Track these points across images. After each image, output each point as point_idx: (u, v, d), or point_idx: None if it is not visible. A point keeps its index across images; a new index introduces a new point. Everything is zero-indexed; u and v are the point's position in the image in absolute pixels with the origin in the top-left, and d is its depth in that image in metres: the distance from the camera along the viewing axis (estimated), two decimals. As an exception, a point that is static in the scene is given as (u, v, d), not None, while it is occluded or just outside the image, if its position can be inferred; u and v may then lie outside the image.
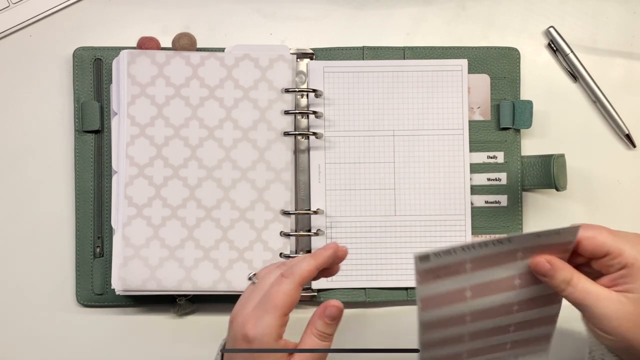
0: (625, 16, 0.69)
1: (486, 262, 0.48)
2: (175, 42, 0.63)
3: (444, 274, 0.48)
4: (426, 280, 0.48)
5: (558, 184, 0.63)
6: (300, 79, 0.66)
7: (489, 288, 0.49)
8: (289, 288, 0.48)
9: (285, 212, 0.63)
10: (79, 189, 0.65)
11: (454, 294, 0.49)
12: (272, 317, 0.47)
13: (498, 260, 0.48)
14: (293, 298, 0.48)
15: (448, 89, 0.65)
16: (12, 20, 0.66)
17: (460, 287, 0.49)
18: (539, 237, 0.48)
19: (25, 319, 0.65)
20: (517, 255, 0.49)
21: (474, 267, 0.48)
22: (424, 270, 0.47)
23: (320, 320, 0.48)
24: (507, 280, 0.49)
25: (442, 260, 0.47)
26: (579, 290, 0.47)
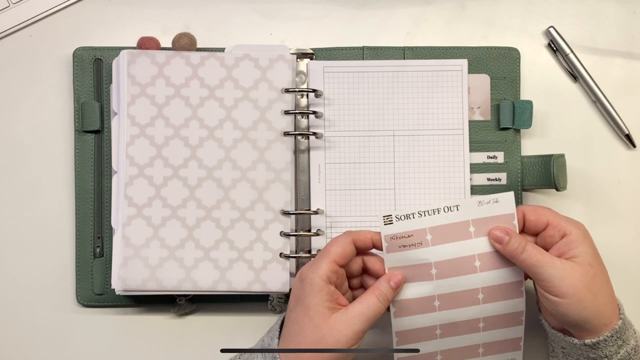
0: (625, 16, 0.69)
1: (444, 234, 0.54)
2: (175, 42, 0.63)
3: (409, 244, 0.54)
4: (392, 249, 0.54)
5: (558, 184, 0.63)
6: (300, 79, 0.66)
7: (452, 267, 0.55)
8: (343, 241, 0.54)
9: (285, 212, 0.63)
10: (79, 189, 0.65)
11: (420, 269, 0.55)
12: (324, 262, 0.53)
13: (454, 232, 0.55)
14: (345, 249, 0.54)
15: (448, 89, 0.65)
16: (12, 20, 0.66)
17: (425, 262, 0.54)
18: (481, 206, 0.54)
19: (25, 319, 0.65)
20: (470, 231, 0.55)
21: (434, 239, 0.54)
22: (390, 236, 0.54)
23: (386, 284, 0.54)
24: (468, 261, 0.55)
25: (404, 224, 0.54)
26: (533, 254, 0.53)
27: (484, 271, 0.55)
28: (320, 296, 0.52)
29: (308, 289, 0.52)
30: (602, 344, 0.53)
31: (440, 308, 0.56)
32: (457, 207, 0.54)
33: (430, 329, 0.56)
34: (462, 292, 0.55)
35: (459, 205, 0.54)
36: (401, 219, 0.54)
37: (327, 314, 0.52)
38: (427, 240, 0.54)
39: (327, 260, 0.53)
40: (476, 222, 0.55)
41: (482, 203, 0.54)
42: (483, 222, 0.55)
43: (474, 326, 0.57)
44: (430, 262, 0.54)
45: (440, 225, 0.54)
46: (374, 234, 0.55)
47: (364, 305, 0.52)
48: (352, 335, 0.51)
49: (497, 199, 0.54)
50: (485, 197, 0.55)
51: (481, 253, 0.55)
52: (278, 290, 0.62)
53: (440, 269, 0.55)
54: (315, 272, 0.53)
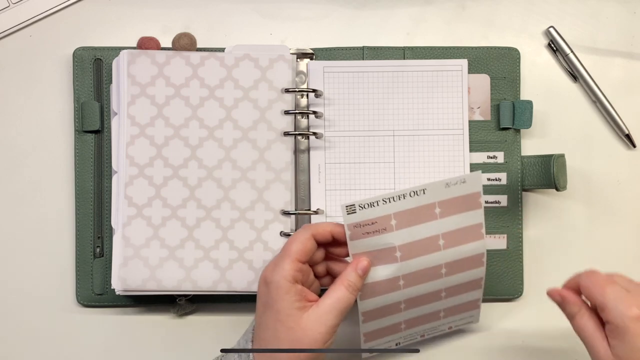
0: (625, 16, 0.69)
1: (409, 218, 0.53)
2: (175, 42, 0.63)
3: (373, 231, 0.53)
4: (356, 236, 0.53)
5: (558, 184, 0.62)
6: (300, 79, 0.66)
7: (416, 248, 0.54)
8: (303, 237, 0.53)
9: (285, 212, 0.63)
10: (79, 189, 0.65)
11: (385, 253, 0.54)
12: (287, 262, 0.52)
13: (419, 215, 0.54)
14: (306, 246, 0.53)
15: (448, 89, 0.65)
16: (12, 20, 0.66)
17: (389, 246, 0.54)
18: (449, 187, 0.54)
19: (25, 319, 0.65)
20: (436, 212, 0.54)
21: (398, 224, 0.53)
22: (353, 225, 0.53)
23: (353, 273, 0.53)
24: (432, 241, 0.55)
25: (368, 212, 0.53)
26: (578, 326, 0.52)
27: (448, 248, 0.55)
28: (289, 298, 0.51)
29: (275, 292, 0.51)
30: None
31: (404, 286, 0.55)
32: (424, 191, 0.53)
33: (395, 305, 0.56)
34: (426, 269, 0.55)
35: (425, 189, 0.53)
36: (364, 207, 0.52)
37: (299, 315, 0.51)
38: (391, 225, 0.53)
39: (290, 260, 0.52)
40: (442, 203, 0.54)
41: (450, 184, 0.54)
42: (449, 202, 0.54)
43: (436, 296, 0.58)
44: (395, 245, 0.54)
45: (405, 209, 0.53)
46: (334, 225, 0.54)
47: (334, 298, 0.52)
48: (326, 331, 0.51)
49: (465, 180, 0.54)
50: (453, 178, 0.53)
51: (446, 232, 0.55)
52: (278, 290, 0.62)
53: (405, 251, 0.54)
54: (279, 273, 0.52)
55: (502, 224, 0.66)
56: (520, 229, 0.66)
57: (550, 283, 0.65)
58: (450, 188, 0.54)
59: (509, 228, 0.66)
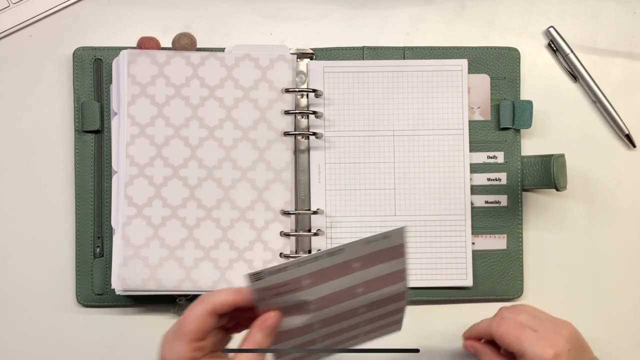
0: (625, 16, 0.69)
1: (324, 276, 0.48)
2: (175, 42, 0.63)
3: (283, 292, 0.47)
4: (265, 298, 0.47)
5: (558, 184, 0.62)
6: (300, 79, 0.66)
7: (332, 298, 0.50)
8: (200, 314, 0.47)
9: (285, 212, 0.63)
10: (79, 189, 0.65)
11: (298, 306, 0.49)
12: (182, 343, 0.47)
13: (335, 272, 0.48)
14: (204, 324, 0.47)
15: (448, 89, 0.65)
16: (12, 20, 0.66)
17: (302, 301, 0.49)
18: (370, 244, 0.48)
19: (25, 319, 0.65)
20: (354, 266, 0.49)
21: (313, 282, 0.48)
22: (260, 289, 0.47)
23: (259, 333, 0.47)
24: (350, 290, 0.50)
25: (277, 277, 0.47)
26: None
27: (367, 293, 0.51)
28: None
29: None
30: None
31: (319, 327, 0.51)
32: (341, 251, 0.48)
33: (309, 342, 0.53)
34: (343, 313, 0.51)
35: (343, 250, 0.48)
36: (274, 274, 0.46)
37: None
38: (304, 284, 0.48)
39: (185, 342, 0.47)
40: (362, 257, 0.49)
41: (370, 242, 0.48)
42: (370, 256, 0.49)
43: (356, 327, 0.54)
44: (309, 300, 0.49)
45: (321, 269, 0.48)
46: (234, 293, 0.48)
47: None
48: None
49: (387, 236, 0.49)
50: (375, 235, 0.48)
51: (364, 281, 0.50)
52: (278, 290, 0.62)
53: (320, 303, 0.49)
54: (176, 356, 0.47)
55: (502, 224, 0.66)
56: (520, 229, 0.66)
57: (550, 283, 0.65)
58: (371, 244, 0.49)
59: (509, 228, 0.66)
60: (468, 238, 0.65)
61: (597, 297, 0.67)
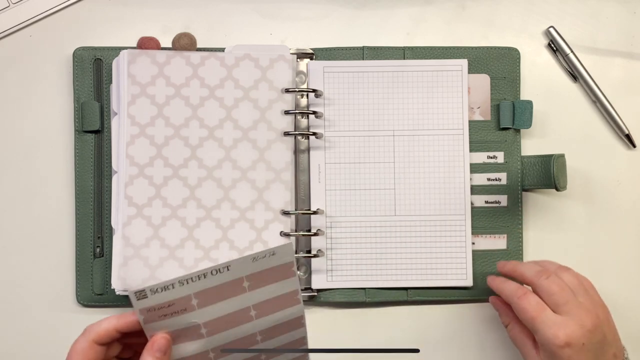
0: (625, 16, 0.69)
1: (213, 296, 0.48)
2: (175, 42, 0.63)
3: (171, 313, 0.47)
4: (152, 320, 0.47)
5: (558, 184, 0.63)
6: (300, 79, 0.66)
7: (224, 322, 0.49)
8: (82, 347, 0.46)
9: (285, 212, 0.63)
10: (79, 189, 0.65)
11: (188, 331, 0.48)
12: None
13: (225, 292, 0.48)
14: (87, 356, 0.46)
15: (448, 89, 0.65)
16: (12, 20, 0.66)
17: (192, 325, 0.48)
18: (257, 261, 0.48)
19: (25, 319, 0.65)
20: (244, 286, 0.49)
21: (201, 302, 0.48)
22: (146, 309, 0.46)
23: (150, 357, 0.46)
24: (242, 313, 0.49)
25: (162, 296, 0.46)
26: (510, 335, 0.58)
27: (261, 317, 0.50)
28: None
29: None
30: None
31: (215, 357, 0.51)
32: (228, 268, 0.48)
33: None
34: (239, 339, 0.51)
35: (229, 266, 0.48)
36: (158, 292, 0.46)
37: None
38: (192, 305, 0.48)
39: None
40: (251, 277, 0.49)
41: (257, 259, 0.48)
42: (259, 275, 0.49)
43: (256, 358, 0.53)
44: (199, 323, 0.48)
45: (208, 288, 0.48)
46: (117, 319, 0.47)
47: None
48: None
49: (274, 252, 0.48)
50: (260, 252, 0.48)
51: (257, 303, 0.50)
52: (278, 290, 0.62)
53: (212, 327, 0.49)
54: None
55: (502, 224, 0.66)
56: (520, 229, 0.66)
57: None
58: (259, 262, 0.49)
59: (509, 228, 0.66)
60: (468, 238, 0.65)
61: (597, 297, 0.67)
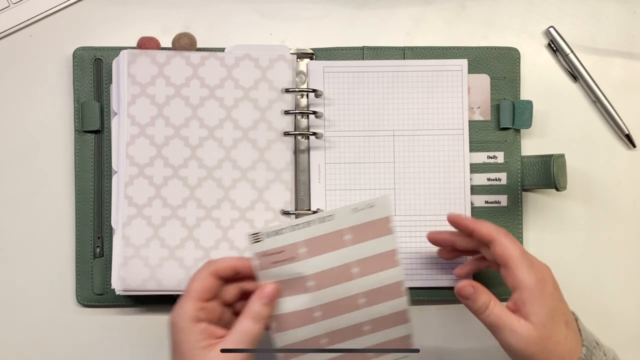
0: (625, 16, 0.69)
1: (318, 246, 0.52)
2: (175, 42, 0.63)
3: (281, 260, 0.51)
4: (264, 266, 0.51)
5: (558, 184, 0.63)
6: (300, 79, 0.66)
7: (328, 277, 0.52)
8: (202, 275, 0.51)
9: (285, 212, 0.63)
10: (79, 189, 0.65)
11: (295, 283, 0.52)
12: (188, 302, 0.50)
13: (329, 243, 0.52)
14: (205, 285, 0.50)
15: (448, 89, 0.65)
16: (12, 20, 0.66)
17: (299, 276, 0.52)
18: (357, 212, 0.52)
19: (25, 319, 0.65)
20: (346, 239, 0.52)
21: (308, 252, 0.51)
22: (261, 254, 0.51)
23: (257, 302, 0.50)
24: (345, 269, 0.52)
25: (274, 240, 0.51)
26: (495, 314, 0.52)
27: (363, 276, 0.53)
28: (191, 339, 0.49)
29: (177, 334, 0.49)
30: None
31: (321, 318, 0.53)
32: (332, 217, 0.51)
33: (315, 339, 0.54)
34: (342, 300, 0.53)
35: (333, 215, 0.51)
36: (271, 236, 0.51)
37: (204, 354, 0.48)
38: (300, 253, 0.51)
39: (190, 300, 0.50)
40: (352, 229, 0.52)
41: (357, 210, 0.52)
42: (359, 228, 0.52)
43: (359, 330, 0.55)
44: (305, 275, 0.52)
45: (314, 237, 0.51)
46: (236, 259, 0.52)
47: (239, 332, 0.49)
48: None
49: (373, 204, 0.52)
50: (361, 203, 0.52)
51: (359, 260, 0.53)
52: (278, 290, 0.62)
53: (317, 281, 0.52)
54: (179, 315, 0.50)
55: (502, 224, 0.66)
56: (520, 229, 0.66)
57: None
58: (358, 213, 0.52)
59: (509, 228, 0.66)
60: (468, 238, 0.65)
61: (597, 297, 0.67)
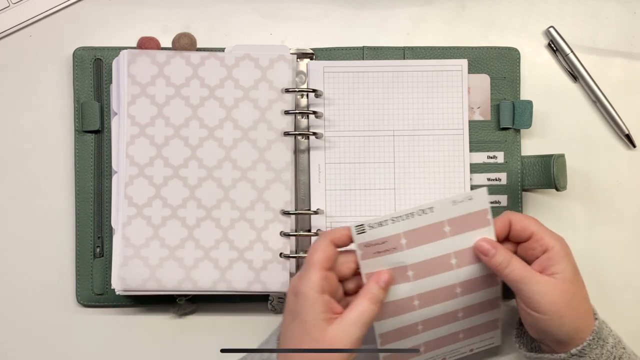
0: (625, 16, 0.69)
1: (418, 237, 0.54)
2: (175, 42, 0.63)
3: (383, 250, 0.54)
4: (367, 256, 0.54)
5: (558, 184, 0.63)
6: (300, 79, 0.66)
7: (428, 267, 0.55)
8: (322, 244, 0.53)
9: (285, 212, 0.63)
10: (79, 189, 0.65)
11: (397, 272, 0.55)
12: (312, 272, 0.52)
13: (429, 234, 0.54)
14: (327, 253, 0.53)
15: (448, 89, 0.65)
16: (12, 20, 0.66)
17: (401, 265, 0.54)
18: (456, 205, 0.54)
19: (25, 319, 0.65)
20: (445, 230, 0.54)
21: (409, 242, 0.54)
22: (364, 244, 0.53)
23: (375, 285, 0.53)
24: (444, 259, 0.55)
25: (377, 232, 0.53)
26: (517, 270, 0.53)
27: (461, 267, 0.56)
28: (316, 309, 0.51)
29: (302, 303, 0.51)
30: (587, 349, 0.53)
31: (419, 306, 0.56)
32: (432, 209, 0.53)
33: (412, 326, 0.57)
34: (440, 289, 0.56)
35: (433, 207, 0.53)
36: (374, 227, 0.53)
37: (324, 327, 0.51)
38: (401, 244, 0.54)
39: (315, 269, 0.52)
40: (451, 221, 0.54)
41: (457, 202, 0.54)
42: (458, 220, 0.54)
43: (454, 317, 0.58)
44: (406, 264, 0.54)
45: (415, 228, 0.54)
46: (349, 229, 0.54)
47: (358, 311, 0.52)
48: (350, 344, 0.51)
49: (471, 197, 0.54)
50: (459, 195, 0.54)
51: (457, 251, 0.55)
52: (278, 290, 0.62)
53: (417, 270, 0.55)
54: (306, 285, 0.52)
55: (502, 224, 0.66)
56: (520, 229, 0.66)
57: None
58: (457, 205, 0.54)
59: (509, 228, 0.66)
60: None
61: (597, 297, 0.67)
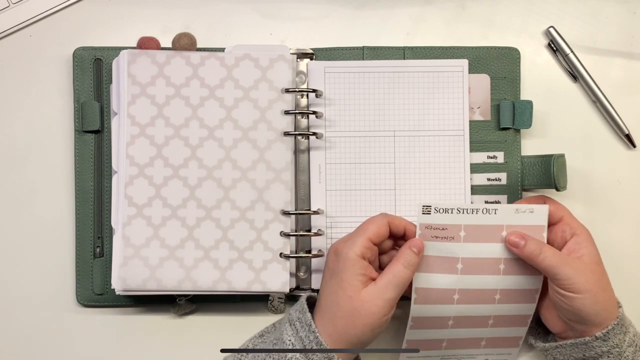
0: (625, 16, 0.69)
1: (477, 233, 0.57)
2: (175, 42, 0.63)
3: (442, 237, 0.57)
4: (425, 237, 0.57)
5: (558, 184, 0.63)
6: (301, 79, 0.66)
7: (477, 265, 0.57)
8: (380, 221, 0.57)
9: (285, 212, 0.63)
10: (79, 189, 0.65)
11: (447, 261, 0.57)
12: (360, 238, 0.56)
13: (486, 234, 0.57)
14: (380, 229, 0.57)
15: (448, 89, 0.65)
16: (12, 20, 0.66)
17: (453, 256, 0.57)
18: (518, 214, 0.57)
19: (25, 319, 0.65)
20: (502, 235, 0.57)
21: (466, 236, 0.57)
22: (425, 225, 0.56)
23: (409, 250, 0.56)
24: (493, 262, 0.58)
25: (441, 217, 0.56)
26: (550, 256, 0.56)
27: (507, 275, 0.58)
28: (354, 270, 0.55)
29: (342, 263, 0.55)
30: (612, 334, 0.56)
31: (457, 302, 0.58)
32: (495, 211, 0.57)
33: (444, 319, 0.59)
34: (481, 290, 0.58)
35: (497, 210, 0.57)
36: (439, 212, 0.56)
37: (359, 287, 0.55)
38: (459, 236, 0.57)
39: (363, 238, 0.56)
40: (509, 227, 0.57)
41: (519, 211, 0.57)
42: (516, 229, 0.57)
43: (484, 322, 0.60)
44: (458, 257, 0.57)
45: (475, 224, 0.57)
46: (408, 223, 0.58)
47: (391, 274, 0.55)
48: (383, 304, 0.54)
49: (533, 210, 0.57)
50: (522, 205, 0.57)
51: (507, 258, 0.58)
52: (278, 290, 0.62)
53: (466, 265, 0.57)
54: (350, 247, 0.55)
55: (502, 224, 0.66)
56: (520, 229, 0.66)
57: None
58: (519, 215, 0.57)
59: (509, 228, 0.66)
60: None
61: (597, 297, 0.67)
